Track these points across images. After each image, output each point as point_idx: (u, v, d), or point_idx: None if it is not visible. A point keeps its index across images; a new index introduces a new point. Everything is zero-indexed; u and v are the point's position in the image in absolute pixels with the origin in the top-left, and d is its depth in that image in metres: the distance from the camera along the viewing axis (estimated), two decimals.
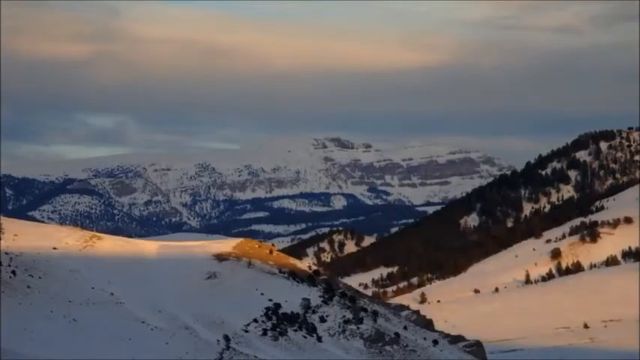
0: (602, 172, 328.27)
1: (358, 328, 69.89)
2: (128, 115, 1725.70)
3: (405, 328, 76.08)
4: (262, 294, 69.85)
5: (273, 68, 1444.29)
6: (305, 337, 65.72)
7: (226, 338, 60.02)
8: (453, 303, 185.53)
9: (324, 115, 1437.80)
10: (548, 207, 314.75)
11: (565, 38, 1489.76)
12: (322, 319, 69.08)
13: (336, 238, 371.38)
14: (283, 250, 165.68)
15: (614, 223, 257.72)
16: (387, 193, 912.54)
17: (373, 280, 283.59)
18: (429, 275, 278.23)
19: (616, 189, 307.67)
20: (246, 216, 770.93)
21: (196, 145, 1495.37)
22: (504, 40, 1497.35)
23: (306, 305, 69.57)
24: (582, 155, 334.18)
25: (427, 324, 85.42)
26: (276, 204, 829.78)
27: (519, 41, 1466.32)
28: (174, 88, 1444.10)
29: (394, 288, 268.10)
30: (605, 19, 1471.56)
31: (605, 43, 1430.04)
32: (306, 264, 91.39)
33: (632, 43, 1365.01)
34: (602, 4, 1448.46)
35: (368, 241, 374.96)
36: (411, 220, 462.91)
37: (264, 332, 64.19)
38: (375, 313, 74.61)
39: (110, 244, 75.80)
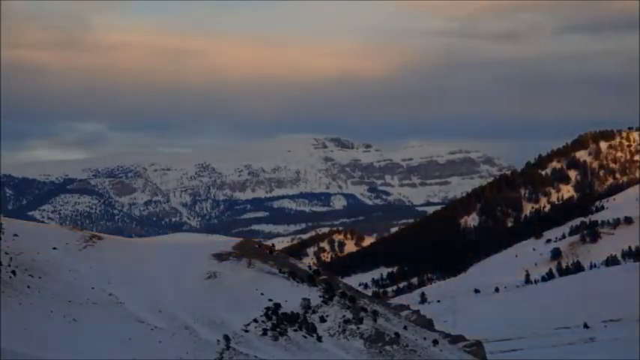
0: (602, 172, 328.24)
1: (358, 328, 69.90)
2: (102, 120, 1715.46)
3: (405, 328, 76.10)
4: (262, 294, 69.86)
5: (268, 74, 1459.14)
6: (305, 337, 65.73)
7: (226, 338, 60.02)
8: (453, 303, 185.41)
9: (325, 115, 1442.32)
10: (548, 207, 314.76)
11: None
12: (322, 319, 69.10)
13: (336, 238, 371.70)
14: (283, 250, 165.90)
15: (614, 223, 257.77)
16: (387, 193, 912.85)
17: (373, 280, 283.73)
18: (429, 275, 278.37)
19: (616, 189, 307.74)
20: (246, 216, 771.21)
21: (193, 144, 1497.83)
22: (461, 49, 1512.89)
23: (306, 305, 69.58)
24: (582, 155, 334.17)
25: (427, 324, 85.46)
26: (276, 204, 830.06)
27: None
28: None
29: (394, 288, 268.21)
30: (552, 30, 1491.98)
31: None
32: (306, 264, 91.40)
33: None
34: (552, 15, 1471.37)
35: (368, 241, 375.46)
36: (411, 220, 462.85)
37: (264, 332, 64.20)
38: (375, 313, 74.62)
39: (110, 244, 75.81)
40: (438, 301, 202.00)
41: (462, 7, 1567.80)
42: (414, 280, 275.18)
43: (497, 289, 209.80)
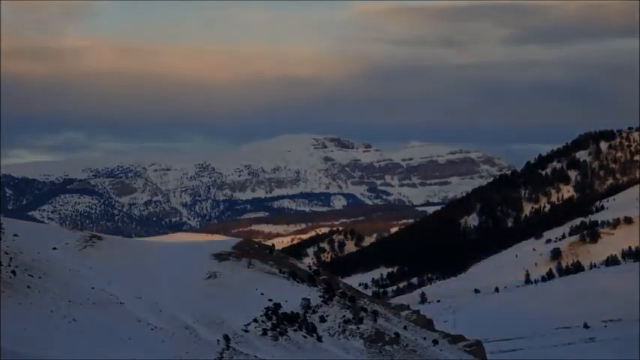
0: (602, 172, 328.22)
1: (358, 328, 69.89)
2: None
3: (405, 328, 76.09)
4: (262, 294, 69.84)
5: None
6: (305, 337, 65.73)
7: (226, 338, 60.02)
8: (453, 303, 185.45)
9: (325, 115, 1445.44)
10: (548, 207, 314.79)
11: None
12: (322, 319, 69.09)
13: (336, 238, 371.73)
14: (283, 250, 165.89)
15: (614, 223, 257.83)
16: (387, 193, 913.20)
17: (373, 280, 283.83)
18: (429, 275, 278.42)
19: (616, 189, 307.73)
20: (246, 216, 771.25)
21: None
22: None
23: (306, 305, 69.56)
24: (582, 155, 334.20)
25: (427, 324, 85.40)
26: (276, 204, 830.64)
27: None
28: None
29: (394, 288, 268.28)
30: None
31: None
32: (306, 264, 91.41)
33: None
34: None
35: (368, 241, 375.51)
36: (411, 220, 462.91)
37: (264, 332, 64.19)
38: (375, 313, 74.62)
39: (110, 244, 75.82)
40: (438, 301, 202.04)
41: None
42: (414, 280, 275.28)
43: (497, 289, 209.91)
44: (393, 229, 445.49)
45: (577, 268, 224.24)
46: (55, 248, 69.04)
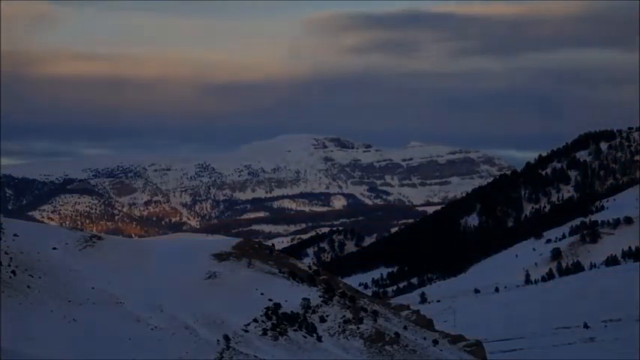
0: (602, 172, 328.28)
1: (358, 327, 69.88)
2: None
3: (405, 328, 76.08)
4: (262, 294, 69.82)
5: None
6: (305, 337, 65.72)
7: (226, 338, 60.01)
8: (453, 303, 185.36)
9: (325, 115, 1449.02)
10: (548, 207, 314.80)
11: None
12: (322, 319, 69.08)
13: (336, 238, 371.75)
14: (283, 250, 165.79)
15: (614, 223, 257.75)
16: (387, 193, 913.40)
17: (373, 280, 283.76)
18: (429, 275, 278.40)
19: (616, 189, 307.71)
20: (246, 216, 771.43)
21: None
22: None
23: (306, 305, 69.54)
24: (582, 155, 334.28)
25: (427, 324, 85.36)
26: (276, 204, 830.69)
27: None
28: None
29: (394, 288, 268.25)
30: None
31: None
32: (306, 264, 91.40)
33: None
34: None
35: (368, 241, 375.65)
36: (411, 220, 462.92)
37: (264, 332, 64.19)
38: (375, 313, 74.61)
39: (110, 244, 75.79)
40: (438, 301, 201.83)
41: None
42: (414, 280, 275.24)
43: (497, 289, 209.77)
44: (393, 229, 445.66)
45: (577, 268, 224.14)
46: (55, 248, 69.02)
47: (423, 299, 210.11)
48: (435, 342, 75.84)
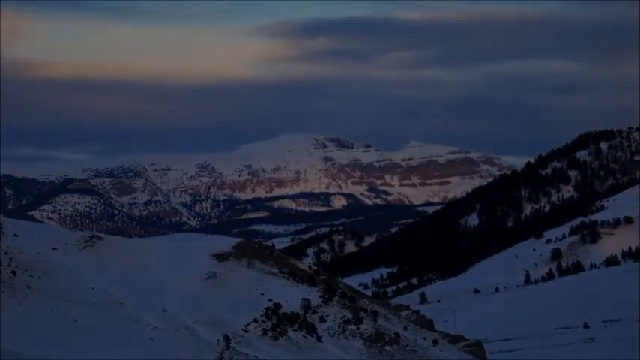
0: (602, 172, 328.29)
1: (358, 328, 69.86)
2: None
3: (405, 328, 76.07)
4: (262, 294, 69.80)
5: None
6: (305, 337, 65.71)
7: (226, 338, 60.01)
8: (453, 303, 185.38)
9: (324, 115, 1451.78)
10: (548, 207, 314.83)
11: None
12: (322, 319, 69.06)
13: (336, 238, 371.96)
14: (283, 250, 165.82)
15: (614, 223, 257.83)
16: (387, 193, 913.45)
17: (373, 280, 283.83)
18: (429, 275, 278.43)
19: (616, 189, 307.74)
20: (246, 216, 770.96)
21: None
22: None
23: (306, 305, 69.53)
24: (582, 155, 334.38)
25: (427, 324, 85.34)
26: (276, 204, 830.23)
27: None
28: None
29: (394, 288, 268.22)
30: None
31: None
32: (306, 264, 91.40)
33: None
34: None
35: (368, 241, 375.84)
36: (411, 220, 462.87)
37: (264, 332, 64.18)
38: (375, 313, 74.59)
39: (110, 244, 75.78)
40: (438, 301, 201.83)
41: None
42: (414, 280, 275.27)
43: (497, 289, 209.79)
44: (393, 229, 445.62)
45: (577, 268, 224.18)
46: (55, 248, 68.99)
47: (423, 299, 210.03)
48: (435, 342, 75.84)
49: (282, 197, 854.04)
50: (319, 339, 66.35)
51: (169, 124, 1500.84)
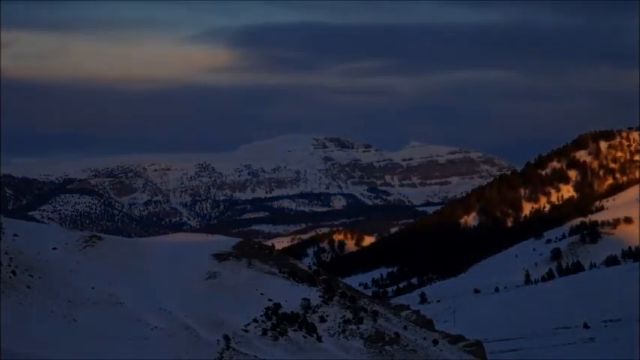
0: (602, 172, 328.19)
1: (358, 328, 69.87)
2: None
3: (405, 328, 76.08)
4: (262, 294, 69.83)
5: None
6: (305, 337, 65.72)
7: (226, 338, 60.02)
8: (453, 303, 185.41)
9: (325, 115, 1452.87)
10: (548, 207, 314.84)
11: None
12: (322, 319, 69.08)
13: (336, 238, 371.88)
14: (283, 251, 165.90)
15: (614, 223, 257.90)
16: (387, 193, 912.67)
17: (373, 280, 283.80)
18: (429, 275, 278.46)
19: (616, 189, 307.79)
20: (246, 216, 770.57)
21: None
22: None
23: (306, 305, 69.55)
24: (582, 155, 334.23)
25: (427, 324, 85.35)
26: (276, 204, 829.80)
27: None
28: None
29: (394, 288, 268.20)
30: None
31: None
32: (306, 264, 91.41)
33: None
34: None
35: (368, 241, 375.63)
36: (411, 220, 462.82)
37: (264, 332, 64.20)
38: (375, 313, 74.61)
39: (110, 244, 75.80)
40: (438, 301, 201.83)
41: None
42: (414, 280, 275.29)
43: (497, 289, 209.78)
44: (393, 229, 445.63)
45: (577, 268, 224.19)
46: (55, 248, 69.00)
47: (423, 299, 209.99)
48: (435, 342, 75.84)
49: (282, 197, 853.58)
50: (319, 339, 66.36)
51: (169, 124, 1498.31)
